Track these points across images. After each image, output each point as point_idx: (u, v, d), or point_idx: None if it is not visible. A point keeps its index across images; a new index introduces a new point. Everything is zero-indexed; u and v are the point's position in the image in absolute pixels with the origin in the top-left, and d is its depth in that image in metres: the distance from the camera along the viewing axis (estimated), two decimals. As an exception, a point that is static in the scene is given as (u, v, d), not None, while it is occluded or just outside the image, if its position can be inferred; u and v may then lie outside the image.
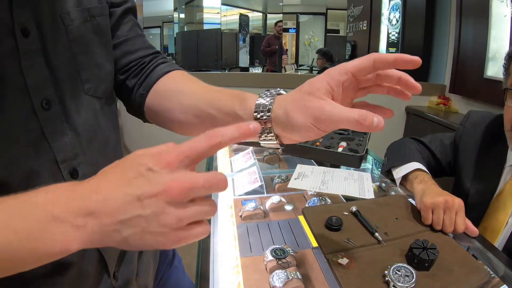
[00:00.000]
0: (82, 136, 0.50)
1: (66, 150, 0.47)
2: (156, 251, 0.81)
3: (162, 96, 0.59)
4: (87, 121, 0.51)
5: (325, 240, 0.70)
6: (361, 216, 0.77)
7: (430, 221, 0.80)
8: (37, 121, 0.44)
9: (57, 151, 0.46)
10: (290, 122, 0.43)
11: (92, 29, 0.52)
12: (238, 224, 0.94)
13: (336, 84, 0.42)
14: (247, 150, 1.34)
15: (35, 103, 0.43)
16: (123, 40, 0.61)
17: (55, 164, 0.46)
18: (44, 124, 0.44)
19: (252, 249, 0.85)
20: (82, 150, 0.50)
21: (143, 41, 0.64)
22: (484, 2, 2.28)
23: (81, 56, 0.50)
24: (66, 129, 0.47)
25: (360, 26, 4.44)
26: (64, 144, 0.47)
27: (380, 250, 0.69)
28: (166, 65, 0.63)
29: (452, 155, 1.11)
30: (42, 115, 0.44)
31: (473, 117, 1.08)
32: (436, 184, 0.91)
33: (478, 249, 0.80)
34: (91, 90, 0.52)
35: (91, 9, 0.52)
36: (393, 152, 1.12)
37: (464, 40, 2.55)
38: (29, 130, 0.43)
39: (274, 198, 1.02)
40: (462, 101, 2.65)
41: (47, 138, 0.45)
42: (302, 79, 2.00)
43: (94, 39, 0.53)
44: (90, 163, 0.51)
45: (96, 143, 0.53)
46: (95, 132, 0.53)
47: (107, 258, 0.55)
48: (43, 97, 0.44)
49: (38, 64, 0.44)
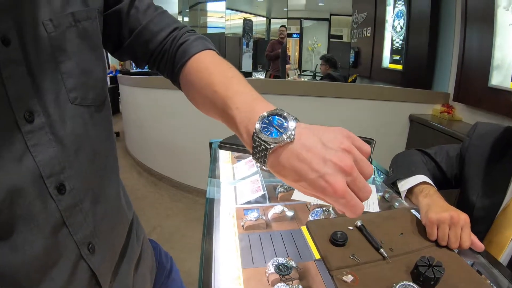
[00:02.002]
0: (69, 148, 0.48)
1: (52, 164, 0.45)
2: (153, 264, 0.80)
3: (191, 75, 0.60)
4: (74, 131, 0.49)
5: (329, 256, 0.68)
6: (366, 231, 0.76)
7: (436, 237, 0.79)
8: (20, 134, 0.42)
9: (42, 166, 0.44)
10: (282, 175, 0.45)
11: (77, 35, 0.50)
12: (240, 234, 0.93)
13: None
14: (249, 158, 1.33)
15: (17, 115, 0.41)
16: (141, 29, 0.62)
17: (40, 179, 0.44)
18: (28, 137, 0.42)
19: (254, 260, 0.84)
20: (69, 163, 0.47)
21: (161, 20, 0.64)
22: (489, 10, 2.28)
23: (66, 63, 0.48)
24: (52, 141, 0.45)
25: (364, 32, 4.44)
26: (49, 157, 0.45)
27: (386, 266, 0.68)
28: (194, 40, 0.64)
29: (458, 168, 1.09)
30: (25, 128, 0.42)
31: (480, 128, 1.07)
32: (441, 198, 0.90)
33: (483, 265, 0.78)
34: (77, 99, 0.50)
35: (75, 14, 0.49)
36: (398, 164, 1.10)
37: (469, 48, 2.55)
38: (11, 143, 0.41)
39: (277, 208, 1.01)
40: (466, 109, 2.64)
41: (31, 152, 0.43)
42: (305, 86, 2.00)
43: (80, 44, 0.50)
44: (78, 176, 0.49)
45: (84, 154, 0.51)
46: (83, 142, 0.51)
47: (98, 275, 0.53)
48: (25, 109, 0.42)
49: (20, 74, 0.41)
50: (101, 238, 0.54)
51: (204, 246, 0.83)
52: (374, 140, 1.33)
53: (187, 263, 2.23)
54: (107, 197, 0.57)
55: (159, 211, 3.06)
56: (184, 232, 2.72)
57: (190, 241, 2.58)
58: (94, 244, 0.52)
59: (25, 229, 0.42)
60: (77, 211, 0.49)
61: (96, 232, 0.52)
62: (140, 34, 0.63)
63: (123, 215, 0.64)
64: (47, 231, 0.45)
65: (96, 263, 0.52)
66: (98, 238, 0.53)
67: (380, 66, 4.13)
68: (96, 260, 0.52)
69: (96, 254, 0.52)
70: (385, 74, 4.02)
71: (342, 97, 2.85)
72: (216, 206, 1.04)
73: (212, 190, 1.13)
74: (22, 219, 0.42)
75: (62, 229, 0.47)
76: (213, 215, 0.98)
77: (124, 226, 0.64)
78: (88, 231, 0.51)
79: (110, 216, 0.58)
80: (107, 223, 0.56)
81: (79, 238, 0.49)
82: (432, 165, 1.10)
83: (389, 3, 3.91)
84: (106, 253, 0.55)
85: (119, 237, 0.62)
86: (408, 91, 2.91)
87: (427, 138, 2.63)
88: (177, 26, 0.66)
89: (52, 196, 0.45)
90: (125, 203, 0.65)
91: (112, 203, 0.59)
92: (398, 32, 3.64)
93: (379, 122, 2.87)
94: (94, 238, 0.52)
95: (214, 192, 1.12)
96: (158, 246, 0.87)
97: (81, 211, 0.50)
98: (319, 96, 2.86)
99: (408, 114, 2.86)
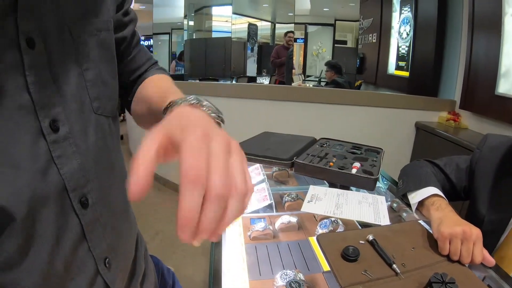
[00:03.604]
0: (90, 160, 0.46)
1: (77, 177, 0.43)
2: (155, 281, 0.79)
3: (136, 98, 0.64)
4: (96, 142, 0.47)
5: (342, 272, 0.67)
6: (378, 245, 0.74)
7: (448, 251, 0.77)
8: (45, 144, 0.39)
9: (67, 178, 0.42)
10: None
11: (98, 44, 0.48)
12: (246, 244, 0.92)
13: None
14: (255, 166, 1.32)
15: (42, 123, 0.39)
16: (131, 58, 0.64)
17: (64, 192, 0.42)
18: (53, 148, 0.40)
19: (262, 272, 0.82)
20: (91, 176, 0.46)
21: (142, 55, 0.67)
22: (496, 17, 2.26)
23: (90, 71, 0.47)
24: (75, 153, 0.43)
25: (370, 38, 4.43)
26: (73, 170, 0.43)
27: (398, 283, 0.66)
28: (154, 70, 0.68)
29: (467, 180, 1.08)
30: (50, 138, 0.40)
31: (491, 141, 1.05)
32: (453, 211, 0.88)
33: (494, 279, 0.77)
34: (100, 109, 0.49)
35: (96, 23, 0.48)
36: (408, 175, 1.09)
37: (476, 56, 2.53)
38: (36, 154, 0.38)
39: (284, 218, 1.00)
40: (473, 117, 2.62)
41: (56, 164, 0.40)
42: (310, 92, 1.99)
43: (100, 54, 0.49)
44: (99, 189, 0.47)
45: (103, 166, 0.49)
46: (102, 154, 0.49)
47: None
48: (51, 117, 0.40)
49: (45, 79, 0.39)
50: (116, 253, 0.53)
51: (213, 258, 0.82)
52: (383, 150, 1.32)
53: (189, 268, 2.22)
54: (121, 209, 0.56)
55: (162, 216, 3.04)
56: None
57: (193, 246, 2.56)
58: (110, 259, 0.51)
59: (46, 246, 0.40)
60: (97, 226, 0.48)
61: (112, 247, 0.51)
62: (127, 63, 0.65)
63: (132, 228, 0.63)
64: (67, 247, 0.43)
65: (111, 278, 0.51)
66: (114, 253, 0.52)
67: (386, 72, 4.11)
68: (112, 275, 0.51)
69: (112, 269, 0.51)
70: (391, 81, 4.01)
71: (348, 104, 2.84)
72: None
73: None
74: (43, 235, 0.39)
75: (82, 245, 0.45)
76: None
77: (133, 239, 0.64)
78: (105, 246, 0.50)
79: (123, 229, 0.57)
80: (120, 237, 0.55)
81: (98, 253, 0.48)
82: (441, 177, 1.09)
83: (395, 9, 3.91)
84: (119, 269, 0.54)
85: (130, 251, 0.62)
86: (414, 98, 2.89)
87: (433, 146, 2.61)
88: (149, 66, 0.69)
89: (75, 210, 0.44)
90: (133, 216, 0.65)
91: (124, 216, 0.58)
92: (404, 39, 3.63)
93: (385, 129, 2.85)
94: (110, 253, 0.51)
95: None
96: (159, 262, 0.86)
97: (101, 225, 0.48)
98: (324, 103, 2.85)
99: (414, 122, 2.84)
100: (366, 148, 1.33)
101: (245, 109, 2.96)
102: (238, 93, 2.97)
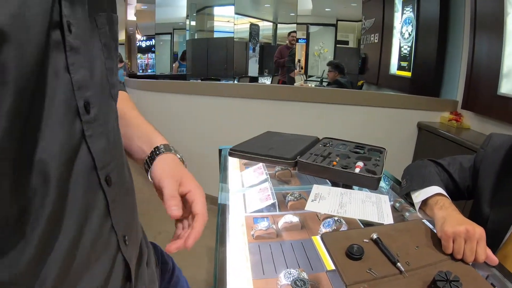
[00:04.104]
0: (112, 142, 0.49)
1: (104, 156, 0.46)
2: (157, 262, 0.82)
3: None
4: (114, 126, 0.51)
5: (346, 270, 0.67)
6: (383, 244, 0.75)
7: (451, 250, 0.78)
8: (80, 123, 0.42)
9: (96, 157, 0.44)
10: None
11: (112, 36, 0.51)
12: (250, 243, 0.93)
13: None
14: (258, 165, 1.32)
15: (79, 104, 0.41)
16: None
17: (93, 170, 0.44)
18: (86, 127, 0.43)
19: (265, 271, 0.83)
20: (111, 156, 0.49)
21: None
22: (498, 18, 2.26)
23: (108, 60, 0.50)
24: (103, 134, 0.46)
25: (372, 38, 4.43)
26: (101, 149, 0.46)
27: (403, 281, 0.67)
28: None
29: (471, 179, 1.08)
30: (84, 118, 0.42)
31: (495, 140, 1.05)
32: (456, 210, 0.89)
33: (497, 278, 0.78)
34: (114, 96, 0.53)
35: (113, 17, 0.52)
36: (411, 175, 1.09)
37: (478, 56, 2.53)
38: (71, 134, 0.41)
39: (287, 217, 1.00)
40: (475, 117, 2.62)
41: (87, 143, 0.43)
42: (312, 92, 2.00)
43: (114, 46, 0.52)
44: (117, 169, 0.50)
45: (119, 147, 0.53)
46: (119, 136, 0.53)
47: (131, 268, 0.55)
48: (84, 99, 0.42)
49: (80, 63, 0.41)
50: (131, 230, 0.56)
51: (218, 257, 0.83)
52: (386, 149, 1.33)
53: (191, 268, 2.22)
54: (129, 188, 0.59)
55: (164, 215, 3.04)
56: (189, 237, 2.71)
57: (195, 246, 2.56)
58: (127, 237, 0.54)
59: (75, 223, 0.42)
60: (118, 203, 0.50)
61: (128, 224, 0.55)
62: None
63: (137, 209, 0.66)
64: (95, 224, 0.45)
65: (129, 256, 0.54)
66: (129, 230, 0.55)
67: (388, 72, 4.11)
68: (129, 253, 0.54)
69: (129, 246, 0.54)
70: (393, 81, 4.01)
71: (350, 104, 2.84)
72: (226, 214, 1.03)
73: (224, 197, 1.13)
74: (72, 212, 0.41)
75: (107, 222, 0.48)
76: (226, 224, 0.98)
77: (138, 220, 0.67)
78: (124, 223, 0.53)
79: (133, 207, 0.60)
80: (132, 215, 0.58)
81: (119, 231, 0.51)
82: (445, 176, 1.09)
83: (397, 10, 3.91)
84: (133, 246, 0.57)
85: (139, 230, 0.65)
86: (416, 98, 2.89)
87: (435, 146, 2.60)
88: None
89: (102, 187, 0.46)
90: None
91: (132, 195, 0.61)
92: (406, 39, 3.63)
93: (387, 129, 2.85)
94: (127, 230, 0.54)
95: (225, 199, 1.12)
96: (157, 246, 0.88)
97: (120, 203, 0.51)
98: (327, 103, 2.85)
99: (416, 122, 2.84)
100: (369, 148, 1.33)
101: (247, 109, 2.96)
102: (240, 93, 2.98)
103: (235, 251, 0.88)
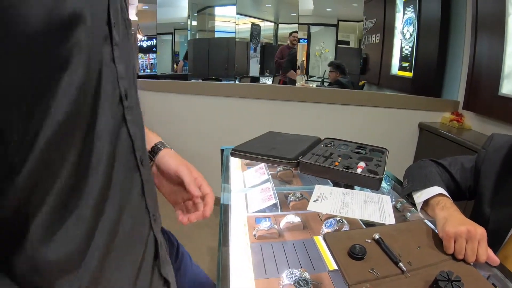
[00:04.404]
0: (141, 128, 0.54)
1: (139, 139, 0.51)
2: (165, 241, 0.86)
3: None
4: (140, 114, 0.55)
5: (348, 270, 0.68)
6: (385, 244, 0.75)
7: (452, 250, 0.78)
8: (122, 108, 0.47)
9: (135, 139, 0.49)
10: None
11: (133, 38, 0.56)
12: (252, 243, 0.93)
13: None
14: (260, 165, 1.32)
15: (122, 91, 0.46)
16: None
17: (132, 151, 0.49)
18: (127, 112, 0.48)
19: (267, 271, 0.83)
20: (142, 141, 0.53)
21: None
22: (500, 18, 2.26)
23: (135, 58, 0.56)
24: (138, 120, 0.52)
25: (373, 39, 4.43)
26: (138, 133, 0.51)
27: (404, 281, 0.67)
28: None
29: (472, 180, 1.08)
30: (126, 103, 0.47)
31: (496, 140, 1.05)
32: (458, 211, 0.89)
33: (498, 278, 0.78)
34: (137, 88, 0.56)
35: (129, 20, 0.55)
36: (413, 175, 1.09)
37: (479, 56, 2.53)
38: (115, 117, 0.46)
39: (289, 217, 1.00)
40: (476, 118, 2.62)
41: (127, 126, 0.48)
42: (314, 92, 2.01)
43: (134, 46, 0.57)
44: (145, 152, 0.55)
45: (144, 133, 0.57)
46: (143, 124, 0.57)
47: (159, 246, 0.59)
48: (124, 88, 0.47)
49: (121, 56, 0.46)
50: (157, 210, 0.60)
51: (221, 257, 0.83)
52: (387, 150, 1.33)
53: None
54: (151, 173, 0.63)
55: (167, 215, 3.05)
56: (191, 237, 2.72)
57: (197, 245, 2.57)
58: (156, 216, 0.58)
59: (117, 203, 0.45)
60: (149, 184, 0.55)
61: (156, 204, 0.59)
62: None
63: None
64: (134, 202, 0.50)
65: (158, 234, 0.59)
66: (156, 210, 0.59)
67: (389, 73, 4.11)
68: (157, 232, 0.59)
69: (157, 225, 0.59)
70: (394, 81, 4.00)
71: (351, 104, 2.84)
72: (226, 214, 1.04)
73: (226, 197, 1.13)
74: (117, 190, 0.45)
75: (142, 202, 0.53)
76: (228, 224, 0.98)
77: None
78: (153, 203, 0.57)
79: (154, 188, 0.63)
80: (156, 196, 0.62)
81: (150, 210, 0.55)
82: (446, 177, 1.09)
83: (398, 10, 3.90)
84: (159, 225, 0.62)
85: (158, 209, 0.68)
86: (417, 98, 2.89)
87: (436, 146, 2.60)
88: None
89: (139, 167, 0.51)
90: None
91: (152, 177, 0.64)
92: (408, 39, 3.62)
93: (388, 129, 2.85)
94: (155, 210, 0.58)
95: (227, 199, 1.12)
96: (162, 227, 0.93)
97: (151, 184, 0.56)
98: (328, 103, 2.85)
99: (417, 122, 2.84)
100: (370, 148, 1.33)
101: (248, 109, 2.96)
102: (242, 93, 2.98)
103: (237, 251, 0.88)
